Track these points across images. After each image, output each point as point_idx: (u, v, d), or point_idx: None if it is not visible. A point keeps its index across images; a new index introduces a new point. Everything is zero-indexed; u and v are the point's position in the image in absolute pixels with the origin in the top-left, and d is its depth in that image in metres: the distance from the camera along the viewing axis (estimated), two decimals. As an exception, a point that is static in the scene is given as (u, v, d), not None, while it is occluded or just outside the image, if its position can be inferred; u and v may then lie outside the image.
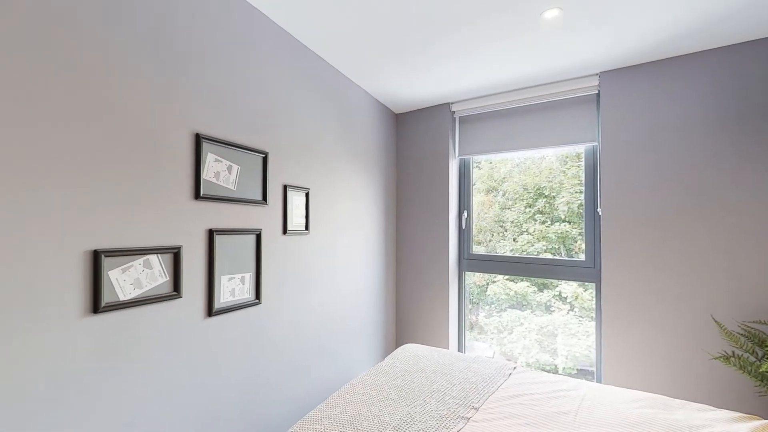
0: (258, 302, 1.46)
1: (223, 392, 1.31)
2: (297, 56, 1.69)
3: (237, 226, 1.38)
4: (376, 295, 2.44)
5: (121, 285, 0.99)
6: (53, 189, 0.87)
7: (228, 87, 1.34)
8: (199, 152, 1.21)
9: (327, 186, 1.93)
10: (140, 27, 1.05)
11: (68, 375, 0.89)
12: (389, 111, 2.64)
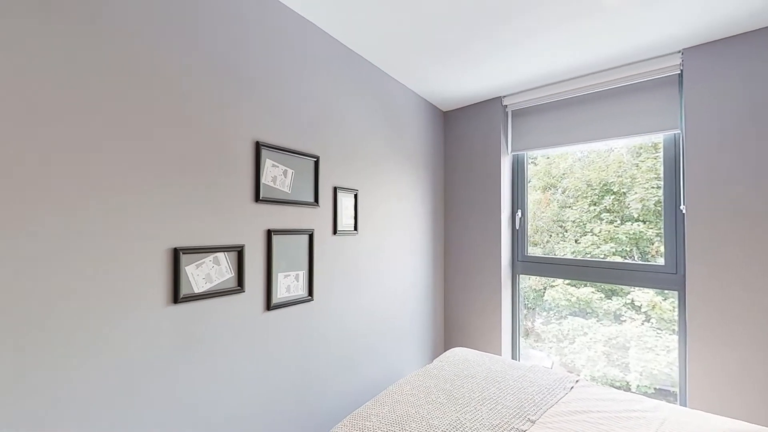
0: (310, 299, 1.54)
1: (279, 381, 1.41)
2: (346, 62, 1.75)
3: (292, 226, 1.47)
4: (423, 296, 2.42)
5: (195, 279, 1.12)
6: (141, 195, 1.01)
7: (284, 97, 1.44)
8: (258, 159, 1.32)
9: (375, 187, 1.97)
10: (214, 49, 1.18)
11: (155, 355, 1.03)
12: (437, 109, 2.60)
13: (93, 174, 0.92)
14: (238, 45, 1.27)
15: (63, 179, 0.87)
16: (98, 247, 0.92)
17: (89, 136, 0.91)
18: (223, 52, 1.22)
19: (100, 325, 0.93)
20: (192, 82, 1.13)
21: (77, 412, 0.89)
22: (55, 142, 0.86)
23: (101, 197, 0.93)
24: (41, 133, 0.84)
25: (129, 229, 0.98)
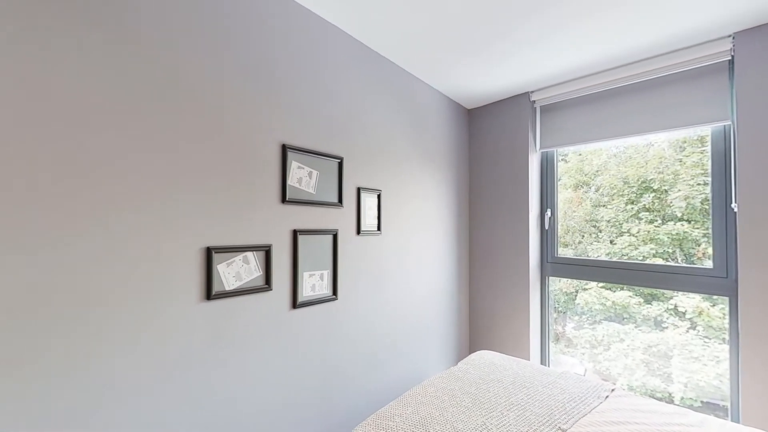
0: (335, 298, 1.57)
1: (304, 377, 1.45)
2: (368, 63, 1.76)
3: (316, 226, 1.50)
4: (448, 296, 2.39)
5: (226, 277, 1.17)
6: (178, 197, 1.07)
7: (309, 99, 1.47)
8: (285, 161, 1.36)
9: (398, 187, 1.97)
10: (243, 58, 1.23)
11: (190, 348, 1.09)
12: (461, 107, 2.55)
13: (135, 179, 0.98)
14: (266, 52, 1.31)
15: (110, 184, 0.94)
16: (140, 246, 0.99)
17: (131, 145, 0.98)
18: (251, 60, 1.26)
19: (142, 318, 0.99)
20: (223, 91, 1.18)
21: (121, 398, 0.95)
22: (102, 150, 0.93)
23: (142, 200, 1.00)
24: (90, 141, 0.91)
25: (167, 230, 1.05)
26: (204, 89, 1.14)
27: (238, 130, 1.23)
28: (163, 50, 1.04)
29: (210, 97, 1.15)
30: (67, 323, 0.87)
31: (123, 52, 0.97)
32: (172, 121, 1.06)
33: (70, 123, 0.88)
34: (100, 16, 0.93)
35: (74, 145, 0.89)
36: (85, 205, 0.90)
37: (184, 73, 1.09)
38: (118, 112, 0.96)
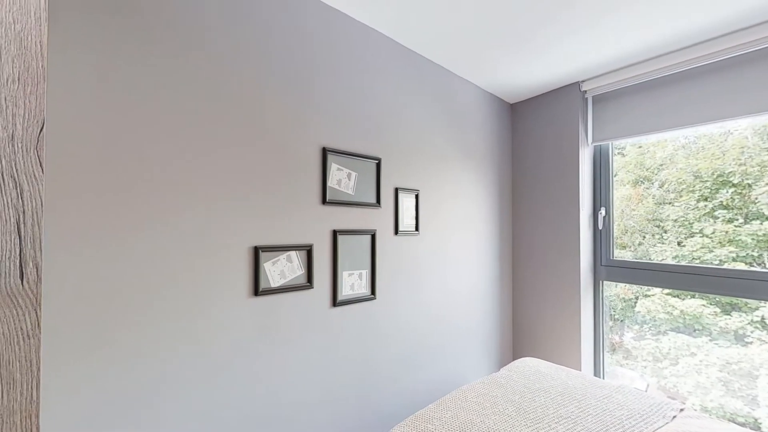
0: (373, 297, 1.58)
1: (343, 374, 1.48)
2: (406, 63, 1.75)
3: (355, 227, 1.52)
4: (490, 299, 2.30)
5: (271, 274, 1.24)
6: (229, 200, 1.15)
7: (347, 103, 1.50)
8: (325, 163, 1.40)
9: (436, 187, 1.93)
10: (287, 68, 1.29)
11: (240, 340, 1.17)
12: (503, 102, 2.44)
13: (192, 182, 1.08)
14: (307, 60, 1.36)
15: (170, 187, 1.04)
16: (197, 245, 1.08)
17: (189, 151, 1.07)
18: (294, 69, 1.32)
19: (199, 310, 1.09)
20: (269, 99, 1.25)
21: (180, 384, 1.05)
22: (164, 156, 1.03)
23: (199, 204, 1.09)
24: (154, 149, 1.01)
25: (219, 230, 1.13)
26: (251, 99, 1.21)
27: (282, 135, 1.29)
28: (215, 65, 1.13)
29: (256, 106, 1.22)
30: (134, 313, 0.98)
31: (181, 70, 1.06)
32: (224, 129, 1.14)
33: (138, 133, 0.99)
34: (160, 39, 1.03)
35: (140, 152, 0.99)
36: (149, 206, 1.01)
37: (232, 85, 1.17)
38: (178, 123, 1.06)
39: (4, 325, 0.37)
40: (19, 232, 0.39)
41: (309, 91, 1.37)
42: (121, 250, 0.96)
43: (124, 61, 0.96)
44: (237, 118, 1.18)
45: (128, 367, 0.96)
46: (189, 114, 1.08)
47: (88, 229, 0.91)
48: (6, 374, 0.37)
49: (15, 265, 0.39)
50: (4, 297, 0.37)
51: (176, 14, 1.05)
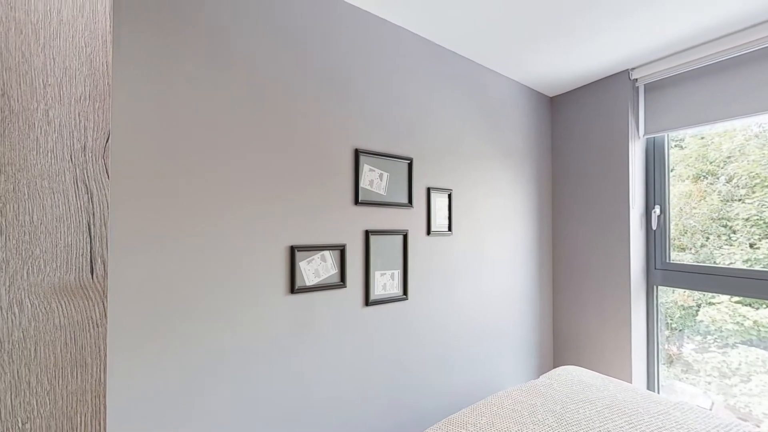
0: (405, 298, 1.58)
1: (375, 373, 1.49)
2: (438, 61, 1.73)
3: (387, 227, 1.53)
4: (527, 302, 2.20)
5: (306, 273, 1.28)
6: (267, 202, 1.21)
7: (379, 103, 1.51)
8: (357, 164, 1.42)
9: (470, 186, 1.88)
10: (320, 73, 1.33)
11: (278, 335, 1.23)
12: (542, 96, 2.32)
13: (234, 188, 1.15)
14: (340, 64, 1.39)
15: (213, 190, 1.11)
16: (238, 244, 1.15)
17: (231, 157, 1.14)
18: (327, 73, 1.35)
19: (241, 306, 1.15)
20: (303, 104, 1.29)
21: (225, 374, 1.12)
22: (209, 161, 1.10)
23: (240, 206, 1.16)
24: (199, 155, 1.09)
25: (258, 230, 1.19)
26: (287, 105, 1.26)
27: (316, 138, 1.33)
28: (254, 76, 1.19)
29: (292, 111, 1.27)
30: (185, 307, 1.06)
31: (224, 83, 1.13)
32: (262, 136, 1.20)
33: (187, 141, 1.07)
34: (204, 55, 1.10)
35: (190, 159, 1.07)
36: (198, 209, 1.08)
37: (271, 94, 1.22)
38: (222, 131, 1.13)
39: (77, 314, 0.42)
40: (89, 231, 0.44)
41: (342, 94, 1.40)
42: (174, 249, 1.04)
43: (174, 77, 1.05)
44: (274, 124, 1.23)
45: (179, 356, 1.04)
46: (231, 123, 1.14)
47: (146, 229, 1.00)
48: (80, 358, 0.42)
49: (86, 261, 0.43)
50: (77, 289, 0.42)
51: (218, 31, 1.13)
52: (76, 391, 0.41)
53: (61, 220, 0.41)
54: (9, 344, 0.37)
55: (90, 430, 0.42)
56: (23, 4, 0.39)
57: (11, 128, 0.39)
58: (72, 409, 0.41)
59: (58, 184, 0.41)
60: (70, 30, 0.43)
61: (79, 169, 0.43)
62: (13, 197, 0.39)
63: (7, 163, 0.38)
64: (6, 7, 0.38)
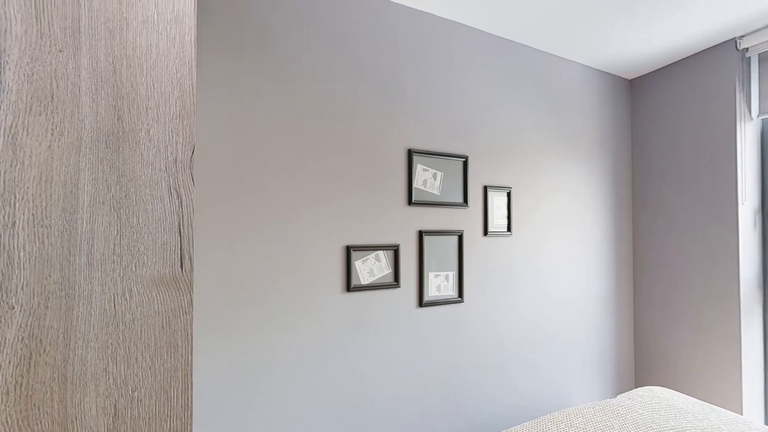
0: (460, 300, 1.53)
1: (429, 374, 1.47)
2: (496, 53, 1.64)
3: (441, 227, 1.50)
4: (602, 311, 1.97)
5: (361, 272, 1.32)
6: (325, 203, 1.28)
7: (433, 102, 1.49)
8: (411, 165, 1.42)
9: (531, 183, 1.76)
10: (374, 76, 1.36)
11: (335, 331, 1.29)
12: (619, 79, 2.06)
13: (295, 192, 1.23)
14: (393, 63, 1.40)
15: (277, 194, 1.21)
16: (299, 244, 1.23)
17: (294, 162, 1.23)
18: (381, 76, 1.38)
19: (302, 301, 1.23)
20: (358, 108, 1.34)
21: (284, 366, 1.21)
22: (275, 167, 1.20)
23: (300, 208, 1.24)
24: (267, 166, 1.19)
25: (317, 231, 1.26)
26: (343, 110, 1.31)
27: (370, 141, 1.36)
28: (313, 86, 1.26)
29: (348, 116, 1.32)
30: (253, 301, 1.17)
31: (287, 95, 1.22)
32: (320, 142, 1.27)
33: (255, 152, 1.18)
34: (269, 71, 1.20)
35: (257, 167, 1.18)
36: (264, 212, 1.19)
37: (327, 100, 1.29)
38: (285, 141, 1.22)
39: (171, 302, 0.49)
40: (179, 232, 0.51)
41: (395, 95, 1.41)
42: (244, 248, 1.16)
43: (245, 93, 1.16)
44: (332, 129, 1.29)
45: (246, 345, 1.16)
46: (294, 132, 1.23)
47: (221, 230, 1.13)
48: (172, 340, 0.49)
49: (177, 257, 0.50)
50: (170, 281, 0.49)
51: (282, 49, 1.22)
52: (170, 369, 0.48)
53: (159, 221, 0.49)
54: (123, 324, 0.45)
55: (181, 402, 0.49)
56: (132, 41, 0.47)
57: (124, 146, 0.47)
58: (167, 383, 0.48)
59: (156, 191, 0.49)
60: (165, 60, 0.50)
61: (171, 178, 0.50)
62: (125, 203, 0.47)
63: (122, 175, 0.46)
64: (120, 46, 0.47)
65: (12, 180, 0.40)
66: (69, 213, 0.43)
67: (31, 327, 0.40)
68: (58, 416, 0.41)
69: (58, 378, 0.41)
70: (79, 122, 0.44)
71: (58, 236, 0.42)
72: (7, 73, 0.40)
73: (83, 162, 0.44)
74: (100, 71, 0.46)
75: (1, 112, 0.40)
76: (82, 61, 0.44)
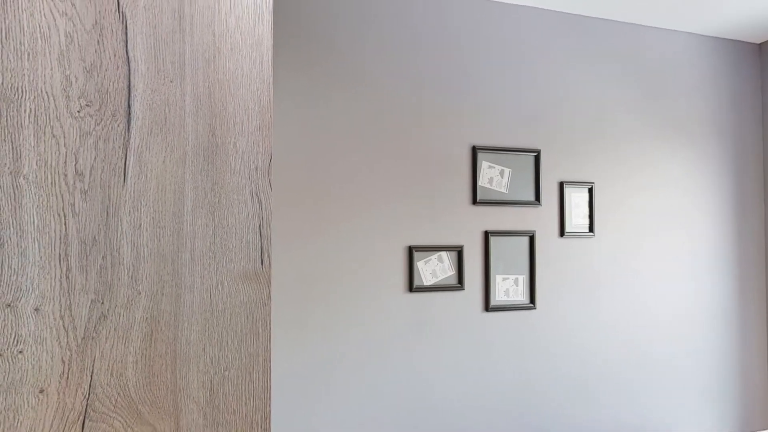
0: (532, 306, 1.42)
1: (497, 383, 1.39)
2: (573, 32, 1.48)
3: (509, 227, 1.41)
4: (721, 329, 1.63)
5: (423, 273, 1.31)
6: (387, 204, 1.30)
7: (500, 95, 1.41)
8: (475, 162, 1.36)
9: (619, 177, 1.53)
10: (435, 74, 1.35)
11: (397, 331, 1.30)
12: (741, 45, 1.67)
13: (359, 194, 1.28)
14: (455, 58, 1.36)
15: (344, 200, 1.27)
16: (363, 244, 1.28)
17: (357, 170, 1.28)
18: (443, 72, 1.35)
19: (364, 300, 1.28)
20: (420, 109, 1.33)
21: (349, 361, 1.27)
22: (340, 177, 1.27)
23: (364, 210, 1.29)
24: (334, 171, 1.26)
25: (380, 232, 1.30)
26: (403, 111, 1.32)
27: (432, 140, 1.34)
28: (376, 91, 1.30)
29: (410, 117, 1.33)
30: (322, 297, 1.25)
31: (352, 103, 1.28)
32: (383, 145, 1.30)
33: (324, 158, 1.26)
34: (336, 82, 1.27)
35: (325, 172, 1.26)
36: (331, 214, 1.26)
37: (388, 102, 1.31)
38: (350, 146, 1.28)
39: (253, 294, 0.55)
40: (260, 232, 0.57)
41: (459, 91, 1.37)
42: (313, 248, 1.24)
43: (315, 105, 1.25)
44: (394, 131, 1.31)
45: (316, 339, 1.24)
46: (359, 137, 1.28)
47: (293, 230, 1.23)
48: (254, 328, 0.55)
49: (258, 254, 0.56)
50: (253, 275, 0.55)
51: (347, 55, 1.28)
52: (252, 354, 0.54)
53: (244, 223, 0.55)
54: (216, 312, 0.53)
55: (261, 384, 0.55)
56: (222, 67, 0.55)
57: (216, 158, 0.54)
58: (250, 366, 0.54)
59: (241, 196, 0.55)
60: (248, 80, 0.56)
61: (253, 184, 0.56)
62: (218, 207, 0.54)
63: (215, 183, 0.54)
64: (214, 72, 0.54)
65: (139, 190, 0.50)
66: (177, 216, 0.52)
67: (152, 309, 0.49)
68: (171, 385, 0.50)
69: (170, 353, 0.50)
70: (184, 140, 0.52)
71: (170, 236, 0.51)
72: (135, 104, 0.50)
73: (187, 173, 0.52)
74: (199, 95, 0.54)
75: (132, 136, 0.49)
76: (186, 88, 0.53)
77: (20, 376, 0.42)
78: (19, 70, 0.43)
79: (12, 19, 0.43)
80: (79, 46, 0.46)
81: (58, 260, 0.45)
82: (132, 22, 0.49)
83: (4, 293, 0.42)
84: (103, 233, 0.47)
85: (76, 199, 0.46)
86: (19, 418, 0.42)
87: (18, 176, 0.43)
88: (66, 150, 0.45)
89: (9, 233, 0.43)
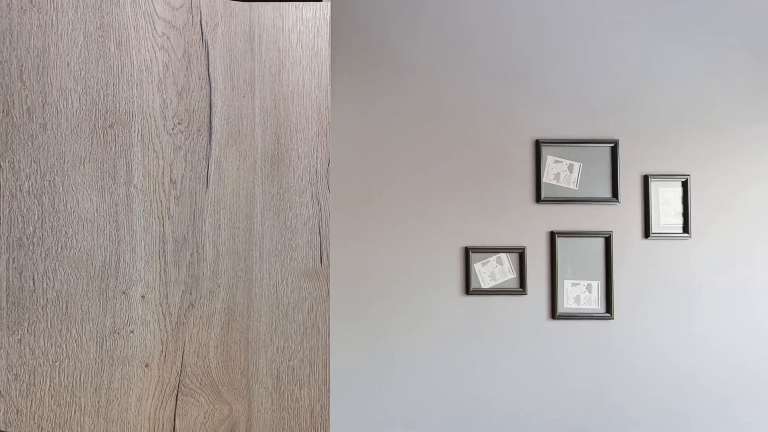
0: (609, 316, 1.26)
1: (565, 398, 1.27)
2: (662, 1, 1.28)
3: (580, 228, 1.27)
4: None
5: (481, 275, 1.26)
6: (444, 204, 1.27)
7: (566, 81, 1.28)
8: (539, 157, 1.26)
9: (724, 167, 1.29)
10: (490, 61, 1.28)
11: (453, 334, 1.27)
12: None
13: (414, 194, 1.27)
14: (513, 44, 1.28)
15: (398, 200, 1.27)
16: (418, 244, 1.27)
17: (412, 170, 1.28)
18: (499, 58, 1.28)
19: (419, 300, 1.27)
20: (476, 102, 1.28)
21: (404, 360, 1.26)
22: (394, 178, 1.28)
23: (418, 210, 1.27)
24: (388, 171, 1.28)
25: (435, 232, 1.27)
26: (459, 107, 1.28)
27: (490, 135, 1.28)
28: (430, 88, 1.28)
29: (464, 112, 1.28)
30: (377, 296, 1.27)
31: (406, 104, 1.28)
32: (437, 143, 1.28)
33: (378, 159, 1.28)
34: (390, 85, 1.28)
35: (380, 173, 1.28)
36: (385, 214, 1.27)
37: (443, 98, 1.28)
38: (405, 147, 1.28)
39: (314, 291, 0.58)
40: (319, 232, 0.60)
41: (518, 80, 1.28)
42: (370, 248, 1.27)
43: (369, 108, 1.28)
44: (449, 129, 1.28)
45: (372, 338, 1.26)
46: (414, 137, 1.28)
47: (350, 231, 1.27)
48: (314, 323, 0.58)
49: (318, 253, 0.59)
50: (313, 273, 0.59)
51: (399, 58, 1.28)
52: (312, 347, 0.58)
53: (305, 223, 0.59)
54: (282, 306, 0.57)
55: (321, 376, 0.58)
56: (286, 80, 0.59)
57: (281, 164, 0.59)
58: (311, 358, 0.57)
59: (303, 198, 0.59)
60: (308, 89, 0.60)
61: (313, 187, 0.60)
62: (283, 209, 0.58)
63: (281, 187, 0.58)
64: (278, 85, 0.59)
65: (218, 195, 0.56)
66: (249, 218, 0.57)
67: (229, 301, 0.55)
68: (244, 370, 0.55)
69: (244, 341, 0.56)
70: (254, 148, 0.58)
71: (243, 235, 0.57)
72: (215, 120, 0.56)
73: (257, 178, 0.58)
74: (266, 108, 0.59)
75: (213, 147, 0.56)
76: (256, 102, 0.58)
77: (132, 352, 0.51)
78: (131, 97, 0.52)
79: (125, 56, 0.52)
80: (173, 73, 0.54)
81: (158, 256, 0.53)
82: (212, 47, 0.56)
83: (120, 282, 0.51)
84: (191, 233, 0.55)
85: (171, 204, 0.54)
86: (131, 387, 0.51)
87: (130, 186, 0.52)
88: (164, 162, 0.53)
89: (124, 233, 0.52)
